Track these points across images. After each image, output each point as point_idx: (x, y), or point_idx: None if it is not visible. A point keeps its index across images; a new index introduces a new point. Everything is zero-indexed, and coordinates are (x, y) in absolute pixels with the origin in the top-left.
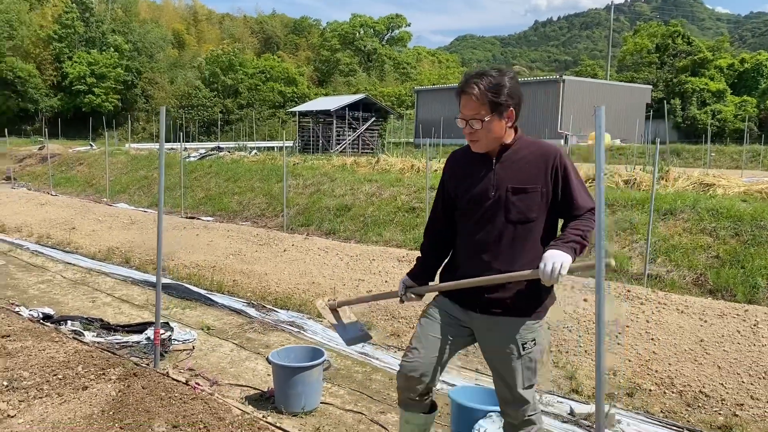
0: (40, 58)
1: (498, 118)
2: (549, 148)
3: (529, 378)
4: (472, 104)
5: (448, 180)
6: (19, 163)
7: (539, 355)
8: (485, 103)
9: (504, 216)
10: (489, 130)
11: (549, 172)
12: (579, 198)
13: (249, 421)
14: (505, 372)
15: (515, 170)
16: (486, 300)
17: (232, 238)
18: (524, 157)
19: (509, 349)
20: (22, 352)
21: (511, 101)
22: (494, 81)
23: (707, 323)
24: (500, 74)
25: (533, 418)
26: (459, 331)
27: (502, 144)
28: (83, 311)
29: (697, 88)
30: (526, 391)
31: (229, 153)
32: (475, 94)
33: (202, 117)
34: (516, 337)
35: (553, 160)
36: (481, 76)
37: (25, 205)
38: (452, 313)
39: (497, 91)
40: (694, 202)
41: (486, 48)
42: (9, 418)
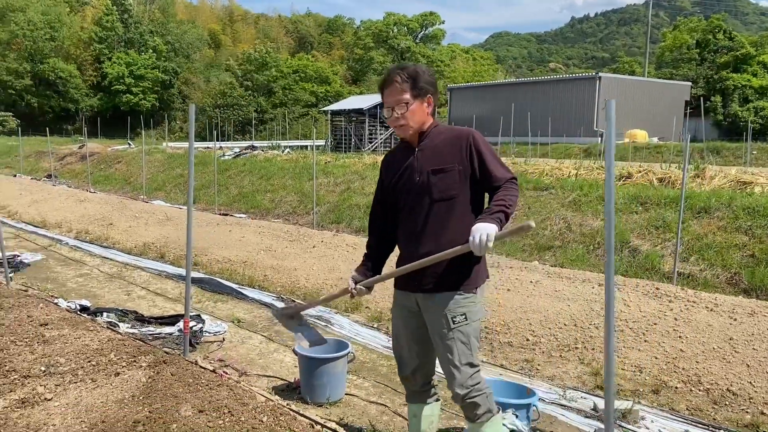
0: (80, 59)
1: (420, 102)
2: (462, 131)
3: (465, 354)
4: (396, 91)
5: (384, 177)
6: (60, 161)
7: (474, 332)
8: (407, 89)
9: (429, 197)
10: (413, 113)
11: (464, 152)
12: (495, 171)
13: (272, 407)
14: (441, 347)
15: (434, 154)
16: (419, 278)
17: (263, 235)
18: (441, 142)
19: (441, 322)
20: (59, 340)
21: (430, 88)
22: (413, 70)
23: (737, 321)
24: (416, 66)
25: (477, 399)
26: (416, 319)
27: (421, 132)
28: (119, 304)
29: (739, 84)
30: (464, 368)
31: (263, 152)
32: (397, 81)
33: (237, 116)
34: (445, 311)
35: (467, 140)
36: (402, 68)
37: (65, 201)
38: (404, 303)
39: (416, 78)
40: (730, 200)
41: (521, 45)
42: (46, 401)
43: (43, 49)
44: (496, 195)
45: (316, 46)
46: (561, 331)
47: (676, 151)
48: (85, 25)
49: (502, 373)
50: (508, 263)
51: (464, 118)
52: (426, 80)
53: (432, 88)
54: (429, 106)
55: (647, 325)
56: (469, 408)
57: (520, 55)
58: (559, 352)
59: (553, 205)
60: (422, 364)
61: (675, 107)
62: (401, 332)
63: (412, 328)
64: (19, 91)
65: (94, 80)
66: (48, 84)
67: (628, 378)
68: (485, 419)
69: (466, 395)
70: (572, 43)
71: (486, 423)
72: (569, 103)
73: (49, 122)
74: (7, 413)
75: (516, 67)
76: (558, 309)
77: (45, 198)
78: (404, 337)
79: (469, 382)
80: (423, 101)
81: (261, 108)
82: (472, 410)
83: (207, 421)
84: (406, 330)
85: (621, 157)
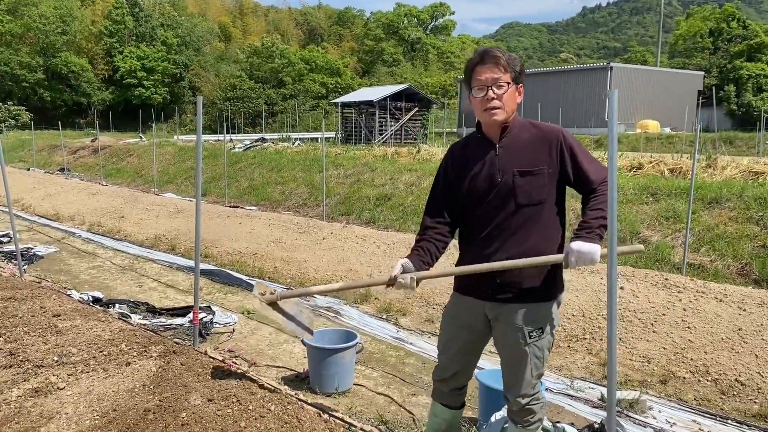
0: (92, 53)
1: (515, 88)
2: (550, 129)
3: (537, 366)
4: (496, 70)
5: (449, 171)
6: (73, 155)
7: (548, 344)
8: (509, 71)
9: (513, 200)
10: (510, 97)
11: (554, 153)
12: (590, 172)
13: (280, 397)
14: (512, 359)
15: (519, 153)
16: (497, 285)
17: (273, 227)
18: (526, 140)
19: (515, 336)
20: (72, 330)
21: (522, 79)
22: (512, 56)
23: (746, 312)
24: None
25: (534, 407)
26: (474, 332)
27: (505, 125)
28: (130, 295)
29: (753, 73)
30: (533, 380)
31: (273, 144)
32: (500, 60)
33: (247, 108)
34: (522, 324)
35: (557, 141)
36: (501, 51)
37: (78, 194)
38: (465, 310)
39: (515, 64)
40: (741, 191)
41: (532, 36)
42: (59, 390)
43: (55, 43)
44: (593, 202)
45: (326, 38)
46: (569, 321)
47: (688, 142)
48: (96, 18)
49: None
50: None
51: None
52: (521, 70)
53: (522, 80)
54: (519, 96)
55: (656, 315)
56: (524, 413)
57: (531, 46)
58: (566, 343)
59: None
60: (461, 372)
61: (687, 97)
62: (452, 339)
63: (465, 339)
64: (32, 85)
65: (105, 74)
66: (60, 78)
67: (636, 368)
68: (535, 427)
69: (527, 404)
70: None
71: (532, 428)
72: (580, 93)
73: (61, 116)
74: (21, 402)
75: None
76: (566, 300)
77: (58, 191)
78: (454, 344)
79: (532, 392)
80: (517, 89)
81: (271, 100)
82: (525, 416)
83: (216, 410)
84: (458, 338)
85: (632, 147)
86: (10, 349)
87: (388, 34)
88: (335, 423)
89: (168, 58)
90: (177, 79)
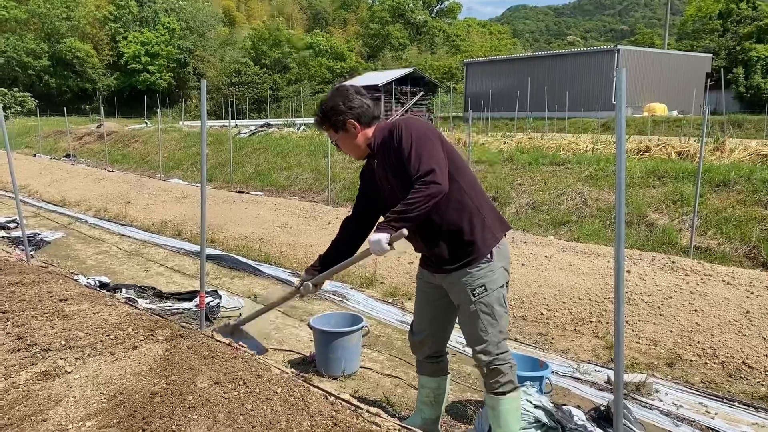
0: (96, 39)
1: (345, 133)
2: (392, 126)
3: (491, 323)
4: (326, 131)
5: (362, 185)
6: (79, 141)
7: (496, 300)
8: (329, 127)
9: (404, 195)
10: (347, 144)
11: (395, 149)
12: (409, 165)
13: (286, 379)
14: (468, 320)
15: (386, 158)
16: (434, 259)
17: (279, 212)
18: (386, 144)
19: (463, 297)
20: (78, 315)
21: (346, 116)
22: (325, 108)
23: (754, 295)
24: (330, 99)
25: (501, 368)
26: (437, 292)
27: (369, 143)
28: (137, 280)
29: (762, 55)
30: (490, 336)
31: (278, 129)
32: (319, 124)
33: (252, 94)
34: (465, 285)
35: (393, 137)
36: (319, 109)
37: (84, 180)
38: (426, 278)
39: (329, 115)
40: (749, 174)
41: (539, 18)
42: (66, 373)
43: (59, 29)
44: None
45: (331, 22)
46: (575, 305)
47: (695, 125)
48: (100, 3)
49: (515, 347)
50: (523, 238)
51: (480, 93)
52: (340, 110)
53: (349, 113)
54: (356, 128)
55: (663, 298)
56: (491, 375)
57: (538, 29)
58: (573, 326)
59: (569, 180)
60: (432, 333)
61: (696, 80)
62: (419, 301)
63: (432, 298)
64: (38, 72)
65: (110, 60)
66: (65, 64)
67: (643, 351)
68: (507, 389)
69: (491, 362)
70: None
71: (507, 395)
72: (587, 76)
73: (67, 102)
74: (29, 385)
75: (533, 41)
76: (572, 283)
77: (64, 177)
78: (420, 304)
79: (495, 350)
80: (346, 131)
81: (276, 85)
82: (494, 378)
83: (222, 393)
84: (423, 298)
85: (640, 131)
86: (17, 333)
87: (394, 18)
88: (342, 405)
89: (172, 42)
90: (182, 64)
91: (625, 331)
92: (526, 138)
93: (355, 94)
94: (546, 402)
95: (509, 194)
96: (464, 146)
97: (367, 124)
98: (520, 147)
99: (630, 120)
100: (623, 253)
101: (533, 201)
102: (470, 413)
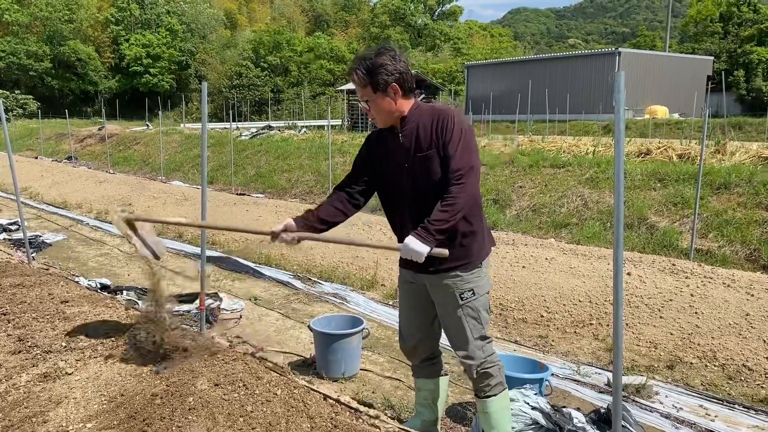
0: (98, 41)
1: (383, 96)
2: (440, 111)
3: (477, 328)
4: (359, 88)
5: (367, 155)
6: (80, 143)
7: (483, 305)
8: (367, 85)
9: (413, 180)
10: (380, 108)
11: (438, 134)
12: (452, 160)
13: (286, 381)
14: (453, 323)
15: (416, 138)
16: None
17: (280, 214)
18: (422, 124)
19: (449, 300)
20: (79, 316)
21: (391, 77)
22: (371, 63)
23: (754, 297)
24: (377, 55)
25: (490, 370)
26: (421, 294)
27: (403, 116)
28: (138, 282)
29: (763, 58)
30: (477, 341)
31: (280, 132)
32: (355, 80)
33: (253, 96)
34: (453, 289)
35: (439, 122)
36: (360, 62)
37: (85, 182)
38: (410, 280)
39: (374, 72)
40: (750, 176)
41: (540, 21)
42: (67, 375)
43: (61, 31)
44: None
45: (332, 24)
46: (576, 307)
47: (696, 127)
48: (102, 5)
49: (516, 349)
50: (524, 240)
51: (481, 96)
52: (387, 70)
53: (394, 76)
54: (396, 94)
55: (663, 301)
56: (481, 379)
57: (539, 31)
58: (573, 329)
59: (570, 182)
60: (423, 338)
61: (697, 82)
62: (405, 305)
63: (416, 302)
64: (39, 74)
65: (112, 62)
66: (67, 66)
67: (643, 354)
68: (497, 391)
69: (479, 366)
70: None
71: (497, 396)
72: (588, 79)
73: (68, 104)
74: (30, 387)
75: (534, 44)
76: (573, 285)
77: (66, 179)
78: (407, 309)
79: (482, 354)
80: (386, 93)
81: (277, 88)
82: (484, 381)
83: (222, 394)
84: (409, 303)
85: (641, 133)
86: (18, 335)
87: (395, 21)
88: (342, 407)
89: (174, 45)
90: (183, 66)
91: (626, 334)
92: (527, 140)
93: (401, 57)
94: (543, 404)
95: (510, 196)
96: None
97: (406, 92)
98: (521, 149)
99: (631, 122)
100: (622, 256)
101: (534, 203)
102: (470, 415)
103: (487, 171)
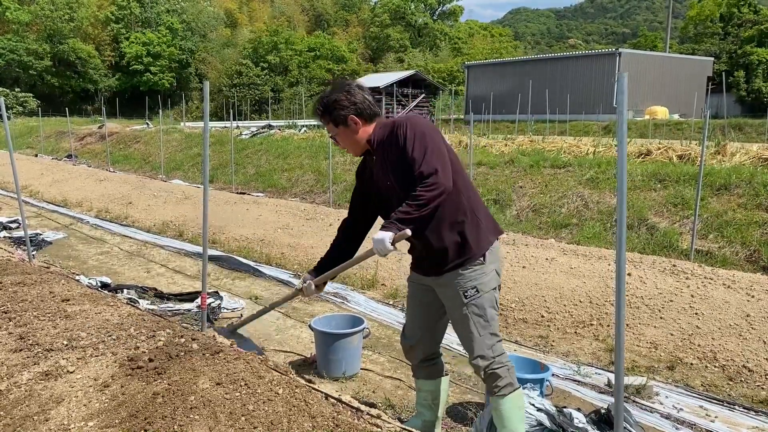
0: (98, 39)
1: (344, 128)
2: (394, 122)
3: (483, 325)
4: (325, 125)
5: (359, 186)
6: (80, 141)
7: (488, 302)
8: (329, 122)
9: (397, 194)
10: (346, 140)
11: (396, 144)
12: (415, 163)
13: (288, 381)
14: (460, 322)
15: (386, 155)
16: (427, 260)
17: (280, 213)
18: (385, 141)
19: (455, 300)
20: (80, 315)
21: (348, 111)
22: (327, 101)
23: (754, 298)
24: (332, 92)
25: (499, 371)
26: (429, 294)
27: (369, 140)
28: (139, 281)
29: (763, 59)
30: (484, 339)
31: (280, 131)
32: (320, 119)
33: (253, 95)
34: (457, 288)
35: (394, 133)
36: (319, 101)
37: (86, 181)
38: (417, 280)
39: (331, 109)
40: (750, 177)
41: (540, 21)
42: (68, 373)
43: (62, 30)
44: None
45: (333, 24)
46: (576, 308)
47: (697, 128)
48: (103, 3)
49: (516, 349)
50: (524, 240)
51: (482, 96)
52: (343, 104)
53: (351, 108)
54: (357, 124)
55: (663, 301)
56: (490, 380)
57: (539, 32)
58: (573, 329)
59: (570, 182)
60: (424, 338)
61: (697, 83)
62: (410, 304)
63: (421, 301)
64: (40, 72)
65: (112, 60)
66: (67, 64)
67: (643, 354)
68: (507, 392)
69: (488, 366)
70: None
71: (508, 396)
72: (588, 79)
73: (68, 103)
74: (32, 385)
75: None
76: (573, 286)
77: (66, 177)
78: (412, 307)
79: (490, 354)
80: (347, 126)
81: (277, 87)
82: (493, 382)
83: (224, 393)
84: (414, 301)
85: (641, 134)
86: (20, 333)
87: (395, 20)
88: (343, 407)
89: (174, 43)
90: (183, 65)
91: (626, 334)
92: (528, 140)
93: (357, 89)
94: (548, 405)
95: (510, 197)
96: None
97: (368, 120)
98: (522, 149)
99: (631, 123)
100: (624, 257)
101: (534, 204)
102: (471, 415)
103: (488, 171)
